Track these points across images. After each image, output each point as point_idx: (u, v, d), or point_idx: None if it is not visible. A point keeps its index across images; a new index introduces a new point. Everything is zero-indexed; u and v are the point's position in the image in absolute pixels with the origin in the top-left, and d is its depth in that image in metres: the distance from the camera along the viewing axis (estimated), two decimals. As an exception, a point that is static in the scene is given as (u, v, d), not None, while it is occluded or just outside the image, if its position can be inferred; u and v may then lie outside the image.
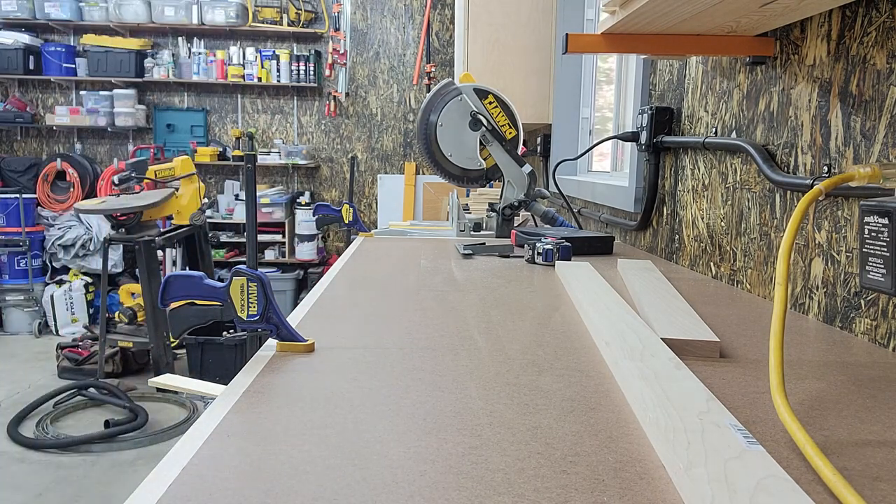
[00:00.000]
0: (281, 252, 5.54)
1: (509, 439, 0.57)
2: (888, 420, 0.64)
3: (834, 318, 1.00)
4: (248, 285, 0.78)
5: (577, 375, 0.75)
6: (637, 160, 1.87)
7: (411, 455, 0.54)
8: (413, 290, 1.21)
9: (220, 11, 5.27)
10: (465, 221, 2.07)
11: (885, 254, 0.67)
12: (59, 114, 5.41)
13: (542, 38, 3.11)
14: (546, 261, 1.51)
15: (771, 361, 0.65)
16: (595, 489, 0.49)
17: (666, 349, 0.79)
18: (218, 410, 0.63)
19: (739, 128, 1.33)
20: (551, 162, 3.16)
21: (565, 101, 3.07)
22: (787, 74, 1.16)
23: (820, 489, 0.49)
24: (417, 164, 5.68)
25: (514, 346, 0.87)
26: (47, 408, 3.53)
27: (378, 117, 5.72)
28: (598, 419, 0.62)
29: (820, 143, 1.06)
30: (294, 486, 0.49)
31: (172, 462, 0.52)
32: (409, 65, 5.65)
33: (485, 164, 1.98)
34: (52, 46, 5.38)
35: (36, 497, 2.72)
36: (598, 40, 1.28)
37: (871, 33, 0.94)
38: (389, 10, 5.63)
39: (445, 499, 0.47)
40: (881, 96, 0.92)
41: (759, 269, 1.24)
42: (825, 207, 1.03)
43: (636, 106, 1.87)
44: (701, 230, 1.49)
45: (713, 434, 0.55)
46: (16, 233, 5.12)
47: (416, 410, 0.64)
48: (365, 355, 0.81)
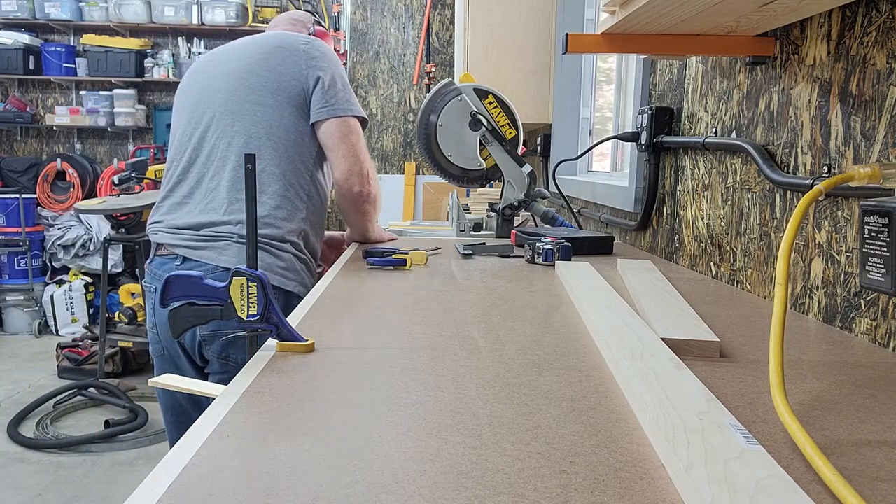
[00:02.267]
0: (281, 252, 5.53)
1: (509, 439, 0.57)
2: (888, 420, 0.64)
3: (834, 318, 1.01)
4: (248, 285, 0.78)
5: (577, 375, 0.75)
6: (637, 160, 1.87)
7: (411, 455, 0.54)
8: (413, 290, 1.21)
9: (220, 11, 5.27)
10: (465, 221, 2.07)
11: (885, 254, 0.67)
12: (59, 114, 5.41)
13: (542, 38, 3.11)
14: (546, 261, 1.51)
15: (771, 361, 0.65)
16: (595, 489, 0.49)
17: (666, 349, 0.79)
18: (218, 410, 0.63)
19: (739, 128, 1.33)
20: (551, 162, 3.16)
21: (565, 101, 3.07)
22: (787, 74, 1.17)
23: (820, 489, 0.49)
24: (417, 164, 5.68)
25: (513, 346, 0.87)
26: (47, 408, 3.53)
27: (378, 117, 5.72)
28: (598, 419, 0.62)
29: (820, 143, 1.06)
30: (294, 486, 0.49)
31: (172, 462, 0.52)
32: (409, 65, 5.65)
33: (485, 164, 1.98)
34: (52, 46, 5.37)
35: (36, 497, 2.72)
36: (598, 40, 1.28)
37: (871, 33, 0.94)
38: (389, 10, 5.63)
39: (445, 499, 0.47)
40: (881, 96, 0.92)
41: (759, 269, 1.24)
42: (825, 207, 1.03)
43: (636, 106, 1.87)
44: (701, 230, 1.49)
45: (713, 434, 0.55)
46: (16, 233, 5.12)
47: (416, 410, 0.64)
48: (365, 355, 0.81)
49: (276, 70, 1.60)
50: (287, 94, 1.59)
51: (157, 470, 0.51)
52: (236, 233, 1.52)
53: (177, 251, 1.54)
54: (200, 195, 1.58)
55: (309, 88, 1.60)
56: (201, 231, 1.53)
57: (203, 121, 1.61)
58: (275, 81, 1.59)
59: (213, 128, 1.59)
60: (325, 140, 1.62)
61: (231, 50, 1.69)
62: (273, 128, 1.57)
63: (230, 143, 1.57)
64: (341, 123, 1.61)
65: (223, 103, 1.59)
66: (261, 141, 1.56)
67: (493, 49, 3.09)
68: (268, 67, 1.60)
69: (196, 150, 1.60)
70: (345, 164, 1.62)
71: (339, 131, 1.61)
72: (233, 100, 1.59)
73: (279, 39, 1.66)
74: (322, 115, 1.60)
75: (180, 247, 1.53)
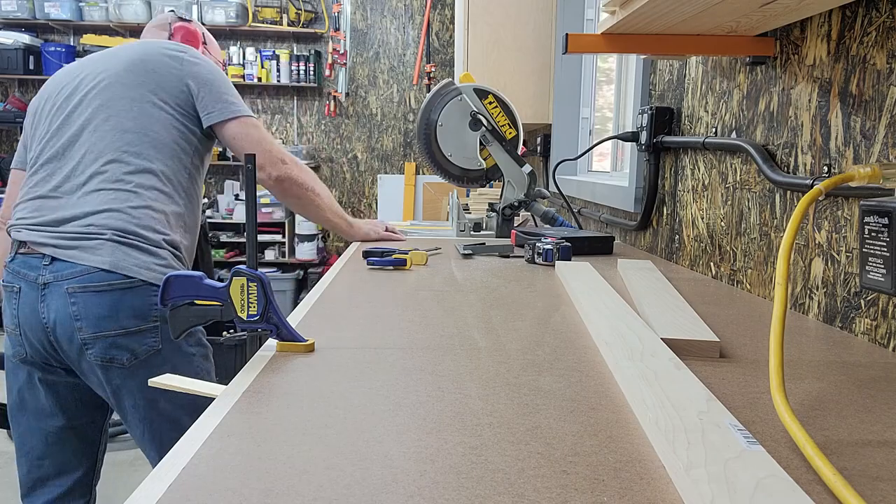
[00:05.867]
0: (281, 252, 5.54)
1: (509, 439, 0.57)
2: (888, 420, 0.64)
3: (834, 318, 1.01)
4: (248, 285, 0.78)
5: (577, 375, 0.75)
6: (637, 160, 1.87)
7: (411, 455, 0.54)
8: (413, 290, 1.21)
9: (220, 11, 5.27)
10: (465, 221, 2.07)
11: (885, 254, 0.67)
12: (59, 114, 5.41)
13: (542, 38, 3.11)
14: (546, 261, 1.51)
15: (771, 361, 0.65)
16: (595, 489, 0.49)
17: (666, 349, 0.79)
18: (218, 410, 0.63)
19: (739, 128, 1.33)
20: (551, 162, 3.16)
21: (565, 101, 3.07)
22: (787, 74, 1.17)
23: (820, 489, 0.49)
24: (417, 164, 5.68)
25: (514, 346, 0.87)
26: (47, 408, 3.53)
27: (378, 117, 5.72)
28: (598, 419, 0.62)
29: (820, 143, 1.06)
30: (294, 486, 0.49)
31: (172, 462, 0.52)
32: (409, 65, 5.65)
33: (485, 164, 1.98)
34: (52, 46, 5.38)
35: (36, 497, 2.72)
36: (598, 40, 1.28)
37: (871, 33, 0.94)
38: (389, 10, 5.63)
39: (445, 499, 0.47)
40: (881, 96, 0.92)
41: (759, 269, 1.24)
42: (825, 207, 1.03)
43: (636, 106, 1.87)
44: (701, 230, 1.49)
45: (713, 434, 0.55)
46: (16, 233, 5.12)
47: (416, 410, 0.64)
48: (365, 355, 0.81)
49: (155, 71, 1.57)
50: (166, 94, 1.57)
51: (158, 470, 0.51)
52: (110, 228, 1.45)
53: (44, 250, 1.44)
54: (69, 189, 1.50)
55: (191, 91, 1.59)
56: (69, 226, 1.45)
57: (73, 116, 1.55)
58: (153, 81, 1.56)
59: (84, 123, 1.53)
60: (228, 143, 1.62)
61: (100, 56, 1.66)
62: (152, 123, 1.54)
63: (102, 139, 1.51)
64: (239, 123, 1.61)
65: (95, 98, 1.55)
66: (136, 136, 1.52)
67: (493, 49, 3.10)
68: (145, 68, 1.57)
69: (66, 145, 1.53)
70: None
71: (239, 129, 1.61)
72: (107, 95, 1.54)
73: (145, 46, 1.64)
74: (214, 120, 1.60)
75: (48, 245, 1.44)
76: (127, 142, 1.51)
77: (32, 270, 1.45)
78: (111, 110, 1.53)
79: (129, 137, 1.52)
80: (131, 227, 1.46)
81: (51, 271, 1.43)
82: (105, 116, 1.53)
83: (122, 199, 1.48)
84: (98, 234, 1.44)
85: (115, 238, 1.44)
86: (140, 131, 1.53)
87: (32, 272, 1.45)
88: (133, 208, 1.48)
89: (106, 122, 1.52)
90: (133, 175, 1.50)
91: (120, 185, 1.49)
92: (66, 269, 1.42)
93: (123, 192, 1.48)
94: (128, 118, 1.53)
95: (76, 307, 1.42)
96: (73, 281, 1.42)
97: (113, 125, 1.52)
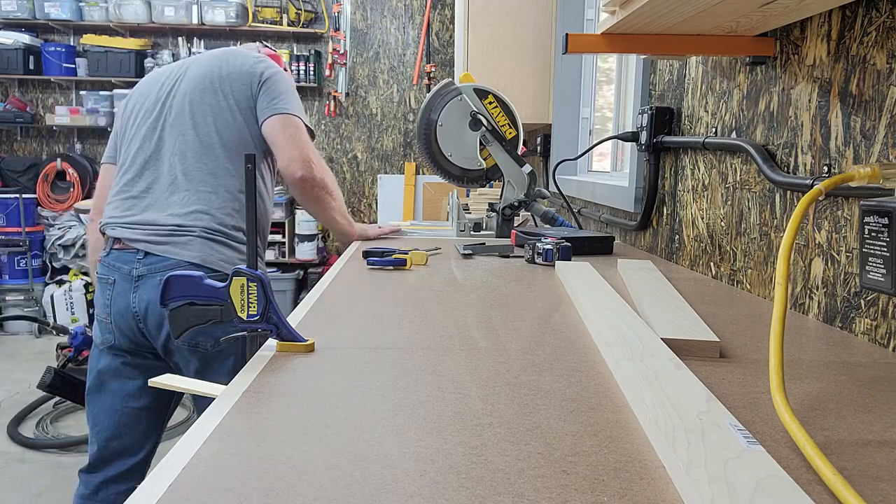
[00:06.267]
0: (281, 252, 5.54)
1: (509, 439, 0.57)
2: (888, 420, 0.64)
3: (834, 318, 1.01)
4: (248, 285, 0.78)
5: (577, 375, 0.75)
6: (637, 160, 1.87)
7: (411, 455, 0.54)
8: (413, 290, 1.21)
9: (220, 11, 5.27)
10: (465, 221, 2.07)
11: (885, 254, 0.67)
12: (59, 114, 5.41)
13: (542, 38, 3.11)
14: (546, 261, 1.51)
15: (771, 361, 0.65)
16: (595, 489, 0.49)
17: (666, 349, 0.79)
18: (218, 410, 0.63)
19: (739, 128, 1.33)
20: (551, 162, 3.16)
21: (565, 101, 3.07)
22: (787, 74, 1.17)
23: (820, 489, 0.49)
24: (417, 164, 5.68)
25: (513, 346, 0.87)
26: (47, 408, 3.53)
27: (378, 117, 5.72)
28: (598, 419, 0.62)
29: (820, 143, 1.06)
30: (294, 486, 0.49)
31: (172, 462, 0.52)
32: (409, 65, 5.65)
33: (485, 164, 1.98)
34: (52, 46, 5.37)
35: (36, 497, 2.72)
36: (598, 40, 1.28)
37: (871, 33, 0.94)
38: (389, 10, 5.63)
39: (445, 499, 0.47)
40: (881, 96, 0.92)
41: (759, 269, 1.24)
42: (825, 207, 1.03)
43: (636, 106, 1.87)
44: (701, 230, 1.49)
45: (713, 434, 0.55)
46: (16, 233, 5.12)
47: (416, 410, 0.64)
48: (365, 355, 0.81)
49: (229, 75, 1.70)
50: (237, 98, 1.68)
51: (158, 469, 0.51)
52: (199, 226, 1.58)
53: (137, 246, 1.57)
54: (159, 191, 1.63)
55: (255, 90, 1.70)
56: (163, 226, 1.58)
57: (161, 120, 1.68)
58: (228, 85, 1.68)
59: (168, 127, 1.67)
60: (268, 135, 1.70)
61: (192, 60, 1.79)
62: (225, 127, 1.66)
63: (185, 142, 1.64)
64: (282, 119, 1.69)
65: (181, 103, 1.68)
66: (212, 139, 1.64)
67: (493, 49, 3.10)
68: (220, 74, 1.70)
69: (155, 147, 1.67)
70: (285, 151, 1.69)
71: (280, 124, 1.69)
72: (191, 100, 1.67)
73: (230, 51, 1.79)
74: (265, 114, 1.69)
75: (141, 241, 1.57)
76: (208, 145, 1.64)
77: (127, 264, 1.58)
78: (195, 115, 1.66)
79: (211, 141, 1.65)
80: (217, 226, 1.60)
81: (144, 264, 1.56)
82: (190, 121, 1.66)
83: (206, 200, 1.61)
84: (188, 231, 1.58)
85: (204, 235, 1.58)
86: (219, 135, 1.65)
87: (126, 265, 1.58)
88: (217, 208, 1.61)
89: (191, 128, 1.65)
90: (214, 177, 1.63)
91: (203, 186, 1.62)
92: (159, 263, 1.56)
93: (206, 193, 1.61)
94: (207, 122, 1.66)
95: None
96: (166, 272, 1.50)
97: (196, 129, 1.65)
